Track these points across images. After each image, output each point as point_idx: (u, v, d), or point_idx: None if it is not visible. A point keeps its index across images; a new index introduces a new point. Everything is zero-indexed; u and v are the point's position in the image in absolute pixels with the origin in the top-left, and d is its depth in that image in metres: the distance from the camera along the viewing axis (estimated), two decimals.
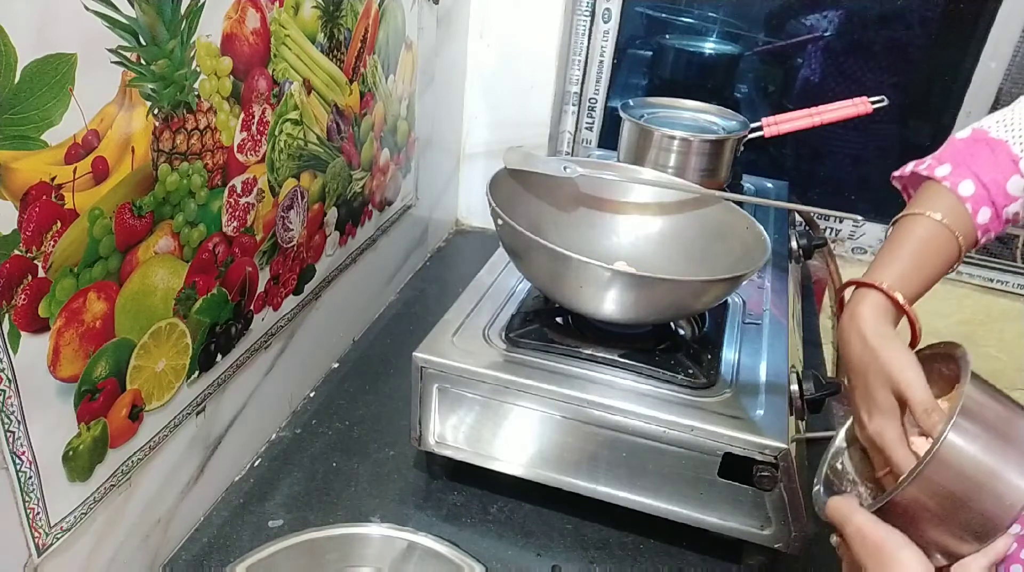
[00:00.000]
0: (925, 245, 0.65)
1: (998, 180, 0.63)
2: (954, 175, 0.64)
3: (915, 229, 0.65)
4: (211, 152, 0.72)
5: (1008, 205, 0.64)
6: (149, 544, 0.76)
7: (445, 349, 0.82)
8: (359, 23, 0.95)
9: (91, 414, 0.64)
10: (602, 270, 0.75)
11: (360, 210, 1.09)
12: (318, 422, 1.00)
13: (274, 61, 0.79)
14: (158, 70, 0.62)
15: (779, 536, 0.76)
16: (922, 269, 0.64)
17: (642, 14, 1.64)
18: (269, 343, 0.91)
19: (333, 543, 0.76)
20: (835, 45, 1.55)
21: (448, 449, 0.85)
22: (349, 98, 0.97)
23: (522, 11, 1.36)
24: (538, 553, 0.82)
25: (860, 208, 1.18)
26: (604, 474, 0.80)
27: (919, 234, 0.65)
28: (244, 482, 0.90)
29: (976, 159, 0.64)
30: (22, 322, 0.55)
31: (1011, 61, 1.31)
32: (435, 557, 0.75)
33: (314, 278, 0.99)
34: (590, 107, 1.55)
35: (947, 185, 0.64)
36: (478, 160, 1.51)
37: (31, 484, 0.59)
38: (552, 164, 0.93)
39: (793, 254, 1.15)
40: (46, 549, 0.62)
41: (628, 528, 0.85)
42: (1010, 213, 0.64)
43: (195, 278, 0.74)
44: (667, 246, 0.95)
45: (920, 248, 0.65)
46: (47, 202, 0.54)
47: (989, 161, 0.64)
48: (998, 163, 0.64)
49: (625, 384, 0.80)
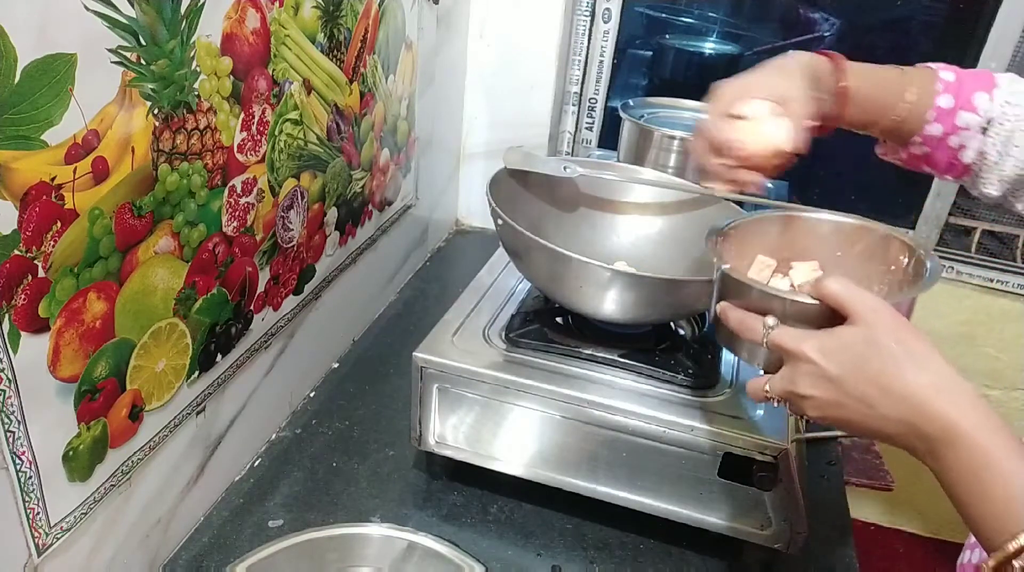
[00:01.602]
0: (886, 75, 0.73)
1: (971, 86, 0.71)
2: (943, 67, 0.72)
3: (880, 68, 0.74)
4: (211, 152, 0.72)
5: (964, 109, 0.70)
6: (149, 544, 0.76)
7: (445, 349, 0.82)
8: (359, 23, 0.95)
9: (91, 414, 0.64)
10: (602, 270, 0.75)
11: (360, 210, 1.09)
12: (318, 422, 1.00)
13: (274, 61, 0.79)
14: (158, 70, 0.62)
15: (779, 536, 0.76)
16: (879, 79, 0.73)
17: (642, 14, 1.64)
18: (269, 343, 0.91)
19: (333, 543, 0.76)
20: (836, 45, 1.56)
21: (448, 449, 0.85)
22: (349, 98, 0.97)
23: (522, 11, 1.36)
24: (538, 553, 0.82)
25: (860, 208, 1.17)
26: (604, 474, 0.80)
27: (888, 71, 0.73)
28: (244, 482, 0.90)
29: (967, 72, 0.72)
30: (22, 322, 0.55)
31: (1011, 61, 1.31)
32: (435, 557, 0.75)
33: (314, 278, 0.99)
34: (590, 107, 1.55)
35: (933, 67, 0.73)
36: (478, 160, 1.50)
37: (31, 484, 0.59)
38: (552, 164, 0.93)
39: None
40: (46, 549, 0.62)
41: (628, 528, 0.85)
42: (963, 121, 0.70)
43: (195, 278, 0.74)
44: (667, 246, 0.94)
45: (883, 74, 0.73)
46: (47, 202, 0.54)
47: (974, 75, 0.72)
48: (979, 80, 0.71)
49: (625, 384, 0.80)
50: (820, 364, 0.51)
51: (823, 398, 0.52)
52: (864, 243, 0.67)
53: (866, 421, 0.51)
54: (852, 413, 0.51)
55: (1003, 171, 0.71)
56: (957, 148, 0.72)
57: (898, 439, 0.50)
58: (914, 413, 0.48)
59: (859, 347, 0.50)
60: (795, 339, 0.53)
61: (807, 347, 0.52)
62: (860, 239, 0.67)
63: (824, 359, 0.51)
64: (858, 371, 0.50)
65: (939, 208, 1.44)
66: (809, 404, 0.53)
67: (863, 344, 0.50)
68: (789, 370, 0.54)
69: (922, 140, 0.73)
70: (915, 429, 0.48)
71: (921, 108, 0.71)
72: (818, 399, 0.52)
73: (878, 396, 0.49)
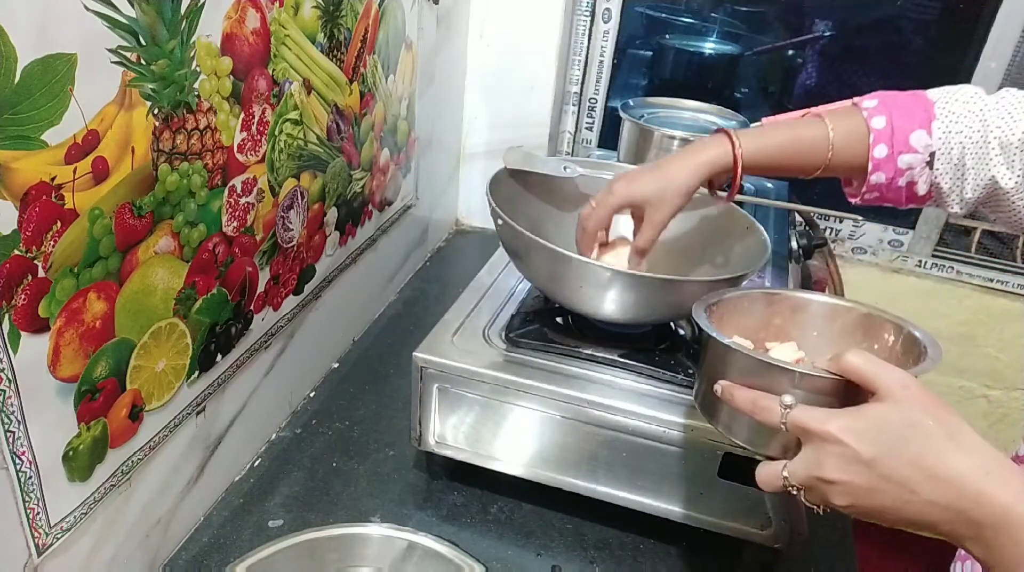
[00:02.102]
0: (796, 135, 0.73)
1: (905, 127, 0.69)
2: (875, 109, 0.70)
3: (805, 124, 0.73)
4: (211, 152, 0.72)
5: (904, 153, 0.69)
6: (149, 544, 0.76)
7: (445, 349, 0.82)
8: (359, 23, 0.95)
9: (91, 414, 0.64)
10: (602, 270, 0.75)
11: (360, 210, 1.09)
12: (318, 422, 1.00)
13: (274, 61, 0.79)
14: (158, 70, 0.62)
15: (779, 536, 0.76)
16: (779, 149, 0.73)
17: (642, 14, 1.64)
18: (269, 343, 0.91)
19: (333, 543, 0.76)
20: (836, 46, 1.56)
21: (448, 449, 0.85)
22: (349, 98, 0.97)
23: (522, 11, 1.36)
24: (538, 553, 0.82)
25: (860, 208, 1.18)
26: (604, 474, 0.80)
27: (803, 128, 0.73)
28: (244, 482, 0.90)
29: (898, 104, 0.70)
30: (22, 322, 0.55)
31: (1011, 61, 1.31)
32: (435, 557, 0.75)
33: (314, 278, 0.99)
34: (590, 107, 1.55)
35: (864, 114, 0.71)
36: (478, 160, 1.50)
37: (31, 484, 0.59)
38: (552, 164, 0.93)
39: (793, 254, 1.15)
40: (46, 549, 0.62)
41: (628, 528, 0.85)
42: (904, 163, 0.69)
43: (195, 278, 0.74)
44: (667, 246, 0.94)
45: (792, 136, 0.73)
46: (47, 202, 0.54)
47: (908, 109, 0.69)
48: (914, 114, 0.69)
49: (625, 384, 0.80)
50: (852, 445, 0.46)
51: (854, 483, 0.47)
52: (842, 321, 0.64)
53: (906, 508, 0.46)
54: (890, 499, 0.46)
55: (964, 194, 0.69)
56: (907, 186, 0.71)
57: (941, 526, 0.46)
58: (962, 498, 0.44)
59: (895, 426, 0.46)
60: (820, 419, 0.48)
61: (834, 427, 0.47)
62: (839, 317, 0.64)
63: (856, 440, 0.46)
64: (896, 453, 0.45)
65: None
66: (837, 490, 0.47)
67: (900, 423, 0.46)
68: (813, 453, 0.48)
69: (868, 188, 0.72)
70: (963, 515, 0.44)
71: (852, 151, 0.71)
72: (849, 484, 0.47)
73: (921, 480, 0.45)
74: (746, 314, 0.66)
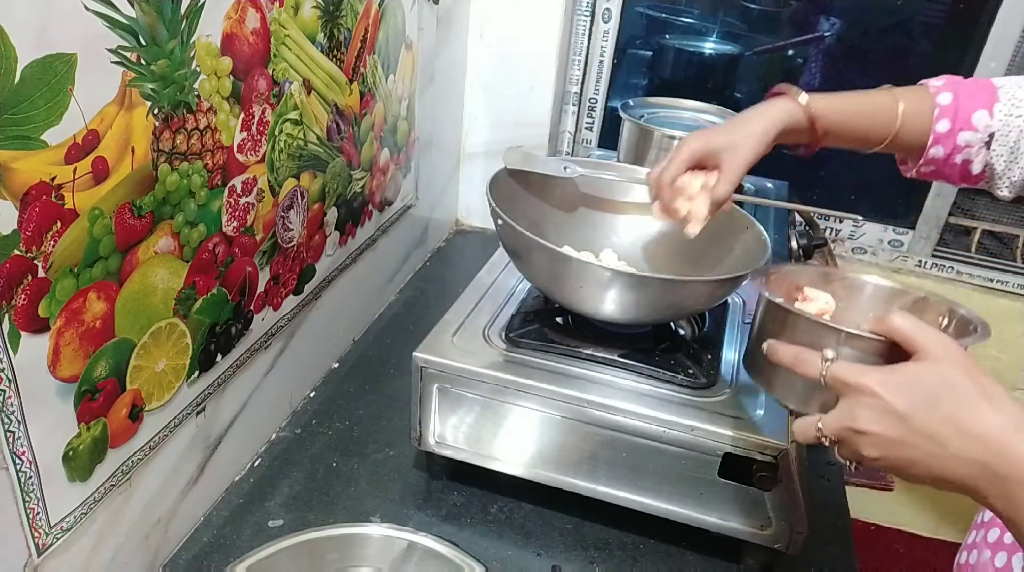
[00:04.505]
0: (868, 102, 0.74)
1: (969, 106, 0.71)
2: (942, 87, 0.73)
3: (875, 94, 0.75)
4: (211, 152, 0.72)
5: (964, 130, 0.71)
6: (149, 544, 0.76)
7: (445, 349, 0.82)
8: (359, 23, 0.95)
9: (91, 414, 0.64)
10: (602, 270, 0.75)
11: (360, 210, 1.09)
12: (318, 422, 1.00)
13: (274, 61, 0.79)
14: (158, 70, 0.62)
15: (779, 536, 0.76)
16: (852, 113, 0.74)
17: (642, 14, 1.64)
18: (269, 343, 0.91)
19: (333, 543, 0.76)
20: (836, 46, 1.56)
21: (448, 449, 0.85)
22: (349, 98, 0.97)
23: (522, 11, 1.36)
24: (538, 553, 0.82)
25: (860, 208, 1.18)
26: (604, 474, 0.80)
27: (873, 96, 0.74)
28: (244, 482, 0.90)
29: (964, 86, 0.73)
30: (22, 322, 0.55)
31: (1011, 61, 1.31)
32: (435, 557, 0.75)
33: (314, 278, 0.99)
34: (590, 107, 1.55)
35: (931, 90, 0.73)
36: (478, 160, 1.50)
37: (31, 484, 0.59)
38: (552, 164, 0.93)
39: (793, 254, 1.15)
40: (46, 549, 0.62)
41: (628, 528, 0.85)
42: (963, 140, 0.72)
43: (195, 278, 0.74)
44: (667, 246, 0.94)
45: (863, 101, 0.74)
46: (47, 202, 0.54)
47: (974, 91, 0.72)
48: (979, 95, 0.72)
49: (625, 384, 0.80)
50: (886, 398, 0.48)
51: (885, 435, 0.48)
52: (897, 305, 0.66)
53: (933, 462, 0.47)
54: (918, 453, 0.48)
55: (1012, 177, 0.72)
56: (962, 164, 0.73)
57: (967, 481, 0.47)
58: (990, 453, 0.46)
59: (931, 383, 0.48)
60: (858, 372, 0.50)
61: (871, 380, 0.49)
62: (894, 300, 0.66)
63: (891, 394, 0.48)
64: (930, 408, 0.47)
65: (939, 208, 1.45)
66: (868, 441, 0.49)
67: (936, 381, 0.48)
68: (848, 405, 0.50)
69: (926, 162, 0.74)
70: (989, 470, 0.46)
71: (917, 128, 0.73)
72: (879, 436, 0.48)
73: (952, 435, 0.46)
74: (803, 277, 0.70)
